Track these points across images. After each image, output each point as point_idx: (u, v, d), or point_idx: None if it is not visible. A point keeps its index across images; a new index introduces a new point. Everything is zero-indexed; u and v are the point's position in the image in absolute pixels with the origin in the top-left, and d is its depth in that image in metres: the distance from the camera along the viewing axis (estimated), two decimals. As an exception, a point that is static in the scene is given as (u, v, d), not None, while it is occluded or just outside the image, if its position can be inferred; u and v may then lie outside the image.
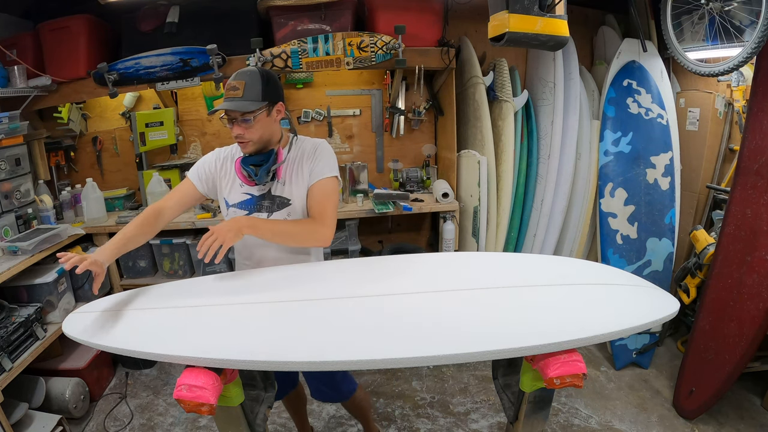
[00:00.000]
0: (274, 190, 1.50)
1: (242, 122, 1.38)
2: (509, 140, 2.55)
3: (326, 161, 1.48)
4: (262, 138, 1.43)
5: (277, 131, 1.48)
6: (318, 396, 1.75)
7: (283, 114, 1.46)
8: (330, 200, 1.46)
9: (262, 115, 1.38)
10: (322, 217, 1.43)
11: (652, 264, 2.61)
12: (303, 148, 1.50)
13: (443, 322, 1.14)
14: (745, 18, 1.95)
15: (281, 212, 1.49)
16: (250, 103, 1.36)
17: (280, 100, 1.44)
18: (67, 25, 2.33)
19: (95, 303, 1.36)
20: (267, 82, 1.39)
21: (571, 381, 1.04)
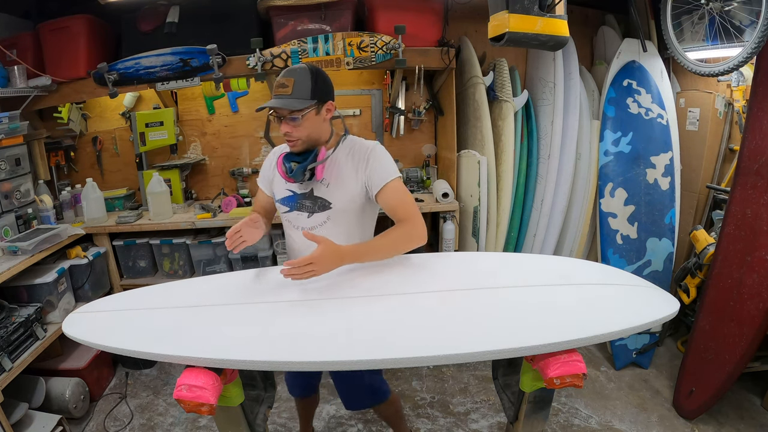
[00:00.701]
0: (317, 191, 1.46)
1: (290, 120, 1.36)
2: (509, 140, 2.55)
3: (385, 165, 1.42)
4: (311, 137, 1.40)
5: (326, 130, 1.45)
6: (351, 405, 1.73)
7: (332, 113, 1.43)
8: (408, 198, 1.44)
9: (310, 113, 1.36)
10: (410, 217, 1.40)
11: (652, 264, 2.61)
12: (354, 150, 1.45)
13: (443, 322, 1.14)
14: (745, 18, 1.95)
15: (321, 214, 1.46)
16: (299, 101, 1.34)
17: (330, 98, 1.41)
18: (67, 25, 2.33)
19: (95, 303, 1.36)
20: (317, 80, 1.36)
21: (571, 381, 1.04)
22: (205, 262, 2.61)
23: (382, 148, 1.46)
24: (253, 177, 2.95)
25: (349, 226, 1.48)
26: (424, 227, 1.41)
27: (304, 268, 1.25)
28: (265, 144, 2.92)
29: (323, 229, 1.47)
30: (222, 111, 2.88)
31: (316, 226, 1.48)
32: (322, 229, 1.47)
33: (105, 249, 2.53)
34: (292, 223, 1.54)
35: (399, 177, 1.43)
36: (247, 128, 2.90)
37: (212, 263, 2.61)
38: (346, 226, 1.47)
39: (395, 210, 1.41)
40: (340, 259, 1.31)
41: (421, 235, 1.40)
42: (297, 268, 1.24)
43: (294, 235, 1.55)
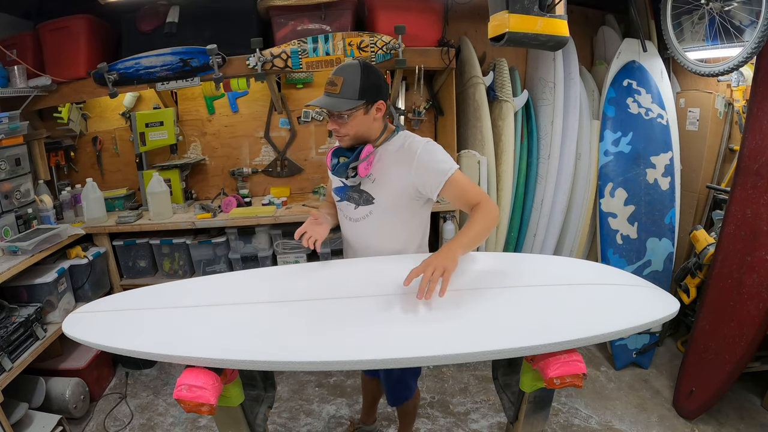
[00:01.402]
0: (363, 185, 1.47)
1: (338, 118, 1.37)
2: (509, 140, 2.55)
3: (438, 164, 1.38)
4: (358, 135, 1.40)
5: (376, 128, 1.43)
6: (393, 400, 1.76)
7: (383, 112, 1.41)
8: (470, 184, 1.42)
9: (359, 113, 1.36)
10: (480, 199, 1.39)
11: (652, 264, 2.61)
12: (403, 148, 1.42)
13: (443, 322, 1.14)
14: (745, 18, 1.95)
15: (365, 208, 1.48)
16: (345, 101, 1.33)
17: (381, 97, 1.38)
18: (67, 25, 2.33)
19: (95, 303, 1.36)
20: (367, 78, 1.33)
21: (571, 381, 1.04)
22: (205, 262, 2.61)
23: (432, 145, 1.42)
24: (253, 177, 2.96)
25: (391, 222, 1.48)
26: (495, 204, 1.41)
27: (432, 277, 1.17)
28: (265, 144, 2.92)
29: (365, 222, 1.50)
30: (222, 111, 2.88)
31: (360, 218, 1.50)
32: (365, 222, 1.50)
33: (105, 249, 2.53)
34: (343, 213, 1.57)
35: (456, 168, 1.39)
36: (247, 128, 2.90)
37: (212, 263, 2.61)
38: (387, 222, 1.48)
39: (466, 199, 1.40)
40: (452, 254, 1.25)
41: (497, 212, 1.40)
42: (426, 283, 1.17)
43: (345, 225, 1.58)
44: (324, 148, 2.94)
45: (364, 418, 2.12)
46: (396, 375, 1.67)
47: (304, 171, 2.96)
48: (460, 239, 1.32)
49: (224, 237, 2.58)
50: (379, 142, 1.45)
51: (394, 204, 1.45)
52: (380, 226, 1.48)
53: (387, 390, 1.74)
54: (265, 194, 2.92)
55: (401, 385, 1.70)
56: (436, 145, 1.43)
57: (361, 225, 1.51)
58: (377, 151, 1.44)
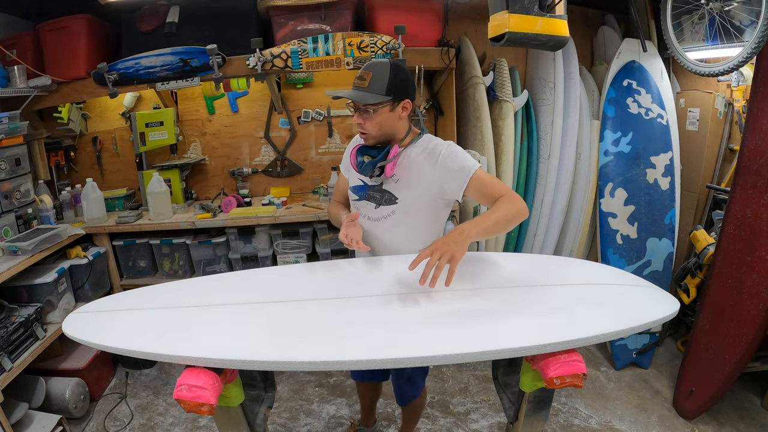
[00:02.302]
0: (386, 184, 1.48)
1: (364, 113, 1.38)
2: (509, 140, 2.55)
3: (460, 165, 1.39)
4: (382, 131, 1.41)
5: (402, 128, 1.45)
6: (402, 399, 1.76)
7: (409, 111, 1.42)
8: (495, 180, 1.41)
9: (384, 109, 1.37)
10: (507, 192, 1.37)
11: (652, 264, 2.61)
12: (428, 151, 1.43)
13: (443, 321, 1.14)
14: (745, 18, 1.95)
15: (387, 208, 1.48)
16: (373, 95, 1.34)
17: (408, 97, 1.40)
18: (67, 25, 2.33)
19: (95, 303, 1.36)
20: (396, 76, 1.35)
21: (571, 381, 1.04)
22: (205, 262, 2.61)
23: (454, 147, 1.43)
24: (253, 177, 2.96)
25: (412, 223, 1.49)
26: (522, 200, 1.37)
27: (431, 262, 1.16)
28: (265, 144, 2.92)
29: (386, 222, 1.50)
30: (222, 111, 2.88)
31: (381, 217, 1.50)
32: (386, 222, 1.50)
33: (105, 249, 2.53)
34: (361, 212, 1.56)
35: (479, 166, 1.39)
36: (247, 128, 2.90)
37: (212, 263, 2.61)
38: (408, 223, 1.49)
39: (490, 194, 1.38)
40: (461, 236, 1.23)
41: (524, 206, 1.36)
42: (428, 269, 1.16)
43: (362, 223, 1.57)
44: (324, 149, 2.94)
45: (365, 420, 2.12)
46: (407, 374, 1.68)
47: (304, 171, 2.96)
48: (476, 223, 1.28)
49: (224, 237, 2.59)
50: (405, 143, 1.46)
51: (417, 205, 1.47)
52: (401, 227, 1.49)
53: (396, 389, 1.74)
54: (265, 194, 2.92)
55: (411, 384, 1.71)
56: (458, 147, 1.44)
57: (382, 224, 1.51)
58: (402, 152, 1.45)
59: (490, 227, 1.30)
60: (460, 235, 1.23)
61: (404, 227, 1.49)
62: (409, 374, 1.68)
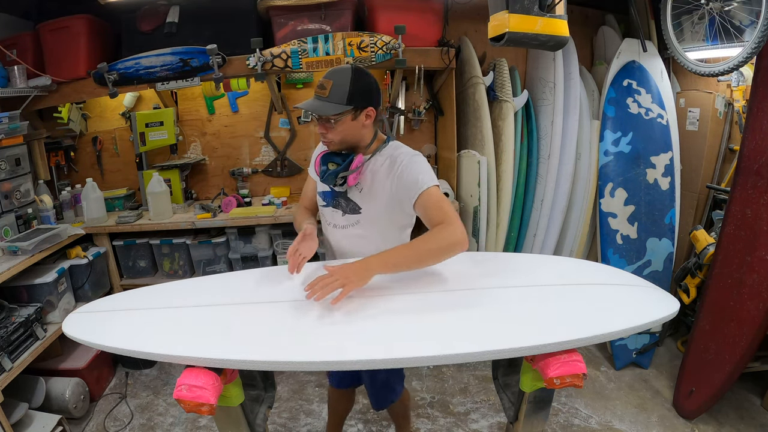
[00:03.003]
0: (350, 193, 1.44)
1: (325, 122, 1.35)
2: (509, 140, 2.55)
3: (419, 175, 1.34)
4: (345, 140, 1.37)
5: (366, 135, 1.41)
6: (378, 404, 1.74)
7: (372, 119, 1.38)
8: (443, 202, 1.32)
9: (346, 118, 1.33)
10: (446, 220, 1.28)
11: (652, 264, 2.61)
12: (392, 159, 1.39)
13: (443, 321, 1.14)
14: (745, 18, 1.95)
15: (353, 217, 1.45)
16: (333, 105, 1.30)
17: (371, 104, 1.35)
18: (67, 25, 2.33)
19: (95, 303, 1.36)
20: (357, 83, 1.31)
21: (571, 381, 1.04)
22: (205, 262, 2.61)
23: (419, 158, 1.39)
24: (253, 177, 2.96)
25: (378, 233, 1.44)
26: (463, 231, 1.28)
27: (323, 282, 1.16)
28: (265, 144, 2.92)
29: (351, 231, 1.47)
30: (222, 111, 2.88)
31: (347, 226, 1.47)
32: (352, 230, 1.47)
33: (105, 249, 2.53)
34: (327, 219, 1.54)
35: (436, 185, 1.34)
36: (247, 128, 2.90)
37: (212, 263, 2.61)
38: (374, 233, 1.44)
39: (431, 215, 1.31)
40: (365, 269, 1.20)
41: (459, 239, 1.26)
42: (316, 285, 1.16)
43: (329, 231, 1.55)
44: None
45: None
46: (381, 378, 1.65)
47: (304, 171, 2.96)
48: (387, 257, 1.24)
49: (224, 237, 2.59)
50: (369, 151, 1.42)
51: (380, 215, 1.43)
52: (365, 237, 1.45)
53: (371, 394, 1.70)
54: (265, 194, 2.92)
55: (387, 388, 1.68)
56: (421, 160, 1.39)
57: (346, 233, 1.48)
58: (366, 161, 1.41)
59: (402, 262, 1.25)
60: (364, 269, 1.20)
61: (370, 237, 1.44)
62: (384, 378, 1.65)
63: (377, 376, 1.64)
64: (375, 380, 1.66)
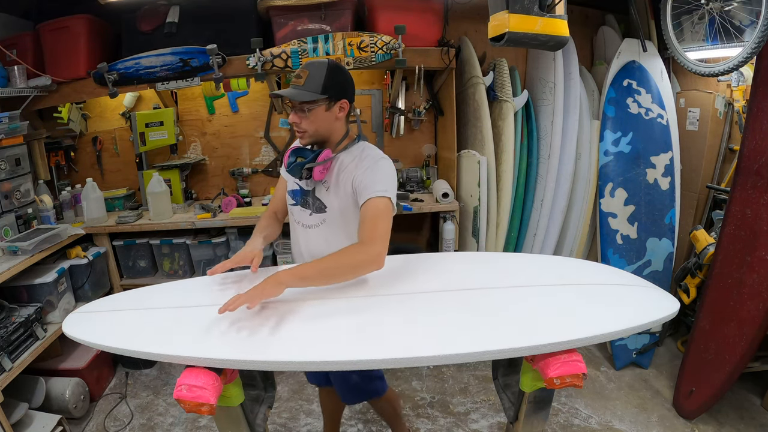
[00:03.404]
0: (317, 191, 1.43)
1: (299, 111, 1.36)
2: (509, 140, 2.55)
3: (378, 179, 1.32)
4: (318, 132, 1.37)
5: (338, 130, 1.41)
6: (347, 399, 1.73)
7: (346, 112, 1.39)
8: (380, 220, 1.28)
9: (320, 108, 1.34)
10: (369, 239, 1.25)
11: (652, 264, 2.61)
12: (360, 158, 1.38)
13: (443, 321, 1.14)
14: (745, 18, 1.95)
15: (319, 216, 1.45)
16: (308, 93, 1.32)
17: (345, 97, 1.37)
18: (67, 25, 2.33)
19: (95, 303, 1.36)
20: (333, 76, 1.33)
21: (571, 381, 1.04)
22: (205, 262, 2.61)
23: (386, 162, 1.38)
24: (253, 177, 2.96)
25: (344, 234, 1.43)
26: (381, 251, 1.25)
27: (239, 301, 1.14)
28: (265, 144, 2.92)
29: (318, 230, 1.46)
30: (222, 111, 2.88)
31: (314, 225, 1.46)
32: (317, 230, 1.46)
33: (105, 249, 2.53)
34: (296, 218, 1.53)
35: (387, 197, 1.31)
36: (247, 128, 2.90)
37: (212, 263, 2.60)
38: (340, 233, 1.43)
39: (362, 227, 1.29)
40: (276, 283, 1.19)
41: (371, 258, 1.24)
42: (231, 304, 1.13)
43: (296, 230, 1.53)
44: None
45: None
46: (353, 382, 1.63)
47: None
48: (295, 270, 1.23)
49: (224, 237, 2.59)
50: (339, 148, 1.42)
51: (345, 214, 1.41)
52: (333, 237, 1.43)
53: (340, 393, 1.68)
54: (265, 194, 2.92)
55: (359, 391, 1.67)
56: (385, 166, 1.37)
57: (314, 233, 1.46)
58: (335, 158, 1.41)
59: (312, 276, 1.24)
60: (275, 281, 1.19)
61: (336, 237, 1.42)
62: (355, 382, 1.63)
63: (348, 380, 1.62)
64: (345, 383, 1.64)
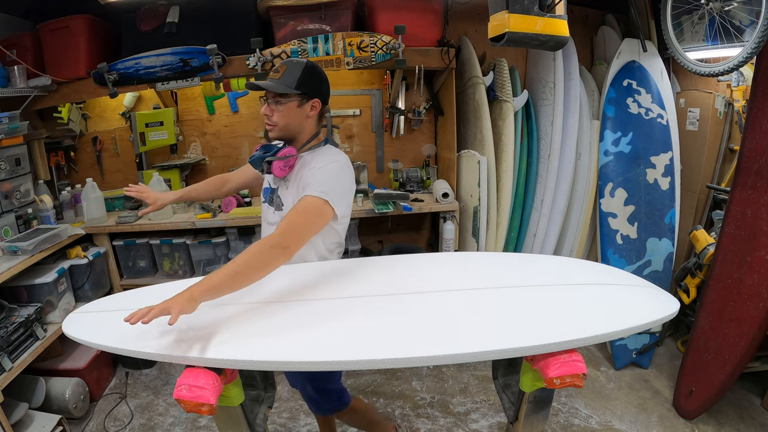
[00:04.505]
0: (280, 189, 1.47)
1: (273, 103, 1.39)
2: (509, 140, 2.55)
3: (321, 179, 1.31)
4: (287, 126, 1.40)
5: (308, 128, 1.43)
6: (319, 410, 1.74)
7: (318, 111, 1.42)
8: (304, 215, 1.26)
9: (292, 103, 1.38)
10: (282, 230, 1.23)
11: (652, 264, 2.61)
12: (317, 159, 1.39)
13: (443, 322, 1.14)
14: (745, 18, 1.94)
15: (279, 213, 1.47)
16: (284, 86, 1.36)
17: (318, 96, 1.40)
18: (67, 25, 2.33)
19: (95, 303, 1.36)
20: (309, 74, 1.37)
21: (571, 381, 1.04)
22: (205, 262, 2.61)
23: (338, 167, 1.37)
24: (253, 177, 2.95)
25: None
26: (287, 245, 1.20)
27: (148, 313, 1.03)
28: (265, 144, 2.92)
29: None
30: (222, 111, 2.88)
31: (275, 222, 1.47)
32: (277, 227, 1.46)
33: (105, 249, 2.53)
34: (264, 216, 1.56)
35: (323, 199, 1.28)
36: (247, 128, 2.90)
37: (212, 263, 2.61)
38: None
39: (283, 221, 1.27)
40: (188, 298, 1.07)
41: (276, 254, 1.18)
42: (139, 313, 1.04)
43: (264, 229, 1.55)
44: None
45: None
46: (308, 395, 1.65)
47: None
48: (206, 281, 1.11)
49: (224, 237, 2.59)
50: (305, 148, 1.44)
51: None
52: None
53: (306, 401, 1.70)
54: (265, 194, 2.92)
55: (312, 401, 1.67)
56: (336, 169, 1.36)
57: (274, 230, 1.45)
58: (300, 157, 1.43)
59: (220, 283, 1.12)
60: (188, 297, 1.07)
61: None
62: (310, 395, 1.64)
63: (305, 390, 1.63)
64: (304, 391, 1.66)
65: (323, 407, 1.70)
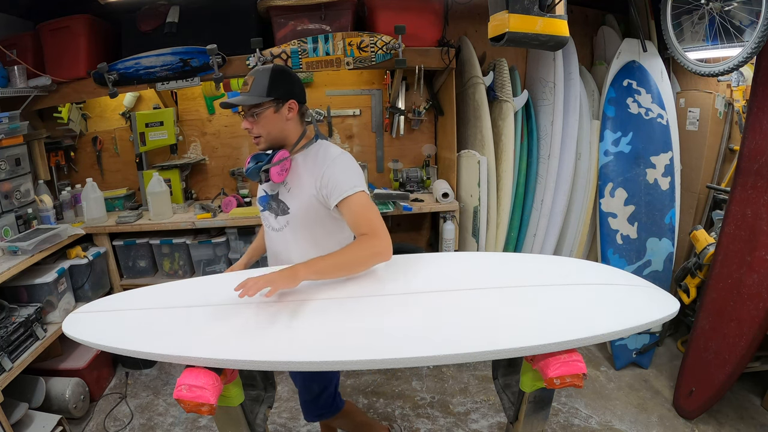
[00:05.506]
0: (281, 194, 1.46)
1: (250, 116, 1.39)
2: (509, 140, 2.55)
3: (346, 177, 1.35)
4: (271, 134, 1.40)
5: (291, 131, 1.43)
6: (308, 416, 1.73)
7: (296, 111, 1.41)
8: (372, 212, 1.33)
9: (268, 111, 1.37)
10: (373, 231, 1.30)
11: (652, 264, 2.61)
12: (317, 156, 1.40)
13: (443, 321, 1.14)
14: (745, 18, 1.94)
15: (283, 218, 1.46)
16: (254, 97, 1.35)
17: (294, 98, 1.40)
18: (67, 25, 2.33)
19: (95, 303, 1.36)
20: (277, 78, 1.36)
21: (571, 381, 1.04)
22: (205, 262, 2.61)
23: (347, 158, 1.40)
24: (253, 177, 2.96)
25: (309, 234, 1.44)
26: (388, 243, 1.31)
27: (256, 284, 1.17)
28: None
29: (284, 233, 1.47)
30: (222, 111, 2.88)
31: (279, 228, 1.48)
32: (284, 233, 1.47)
33: (105, 249, 2.53)
34: (265, 223, 1.55)
35: (362, 191, 1.34)
36: (247, 128, 2.90)
37: (212, 263, 2.61)
38: (305, 234, 1.44)
39: (358, 224, 1.33)
40: (293, 275, 1.21)
41: (384, 250, 1.30)
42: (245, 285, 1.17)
43: (267, 235, 1.55)
44: None
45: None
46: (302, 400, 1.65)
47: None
48: (312, 264, 1.25)
49: (224, 237, 2.59)
50: (297, 149, 1.44)
51: (308, 215, 1.42)
52: (299, 238, 1.45)
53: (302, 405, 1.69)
54: (265, 194, 2.92)
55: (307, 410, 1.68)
56: (347, 160, 1.40)
57: (281, 235, 1.48)
58: (294, 159, 1.43)
59: (328, 269, 1.27)
60: (292, 274, 1.21)
61: (302, 238, 1.44)
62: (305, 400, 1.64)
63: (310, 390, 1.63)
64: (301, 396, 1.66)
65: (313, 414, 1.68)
